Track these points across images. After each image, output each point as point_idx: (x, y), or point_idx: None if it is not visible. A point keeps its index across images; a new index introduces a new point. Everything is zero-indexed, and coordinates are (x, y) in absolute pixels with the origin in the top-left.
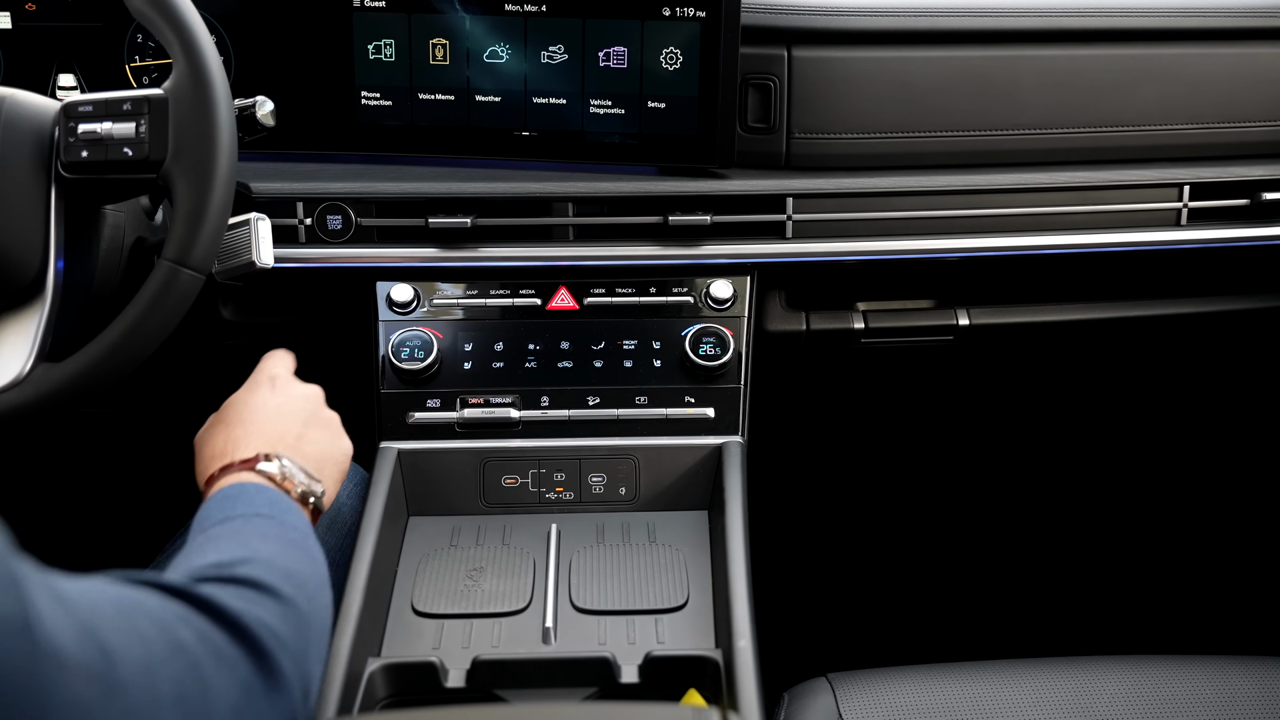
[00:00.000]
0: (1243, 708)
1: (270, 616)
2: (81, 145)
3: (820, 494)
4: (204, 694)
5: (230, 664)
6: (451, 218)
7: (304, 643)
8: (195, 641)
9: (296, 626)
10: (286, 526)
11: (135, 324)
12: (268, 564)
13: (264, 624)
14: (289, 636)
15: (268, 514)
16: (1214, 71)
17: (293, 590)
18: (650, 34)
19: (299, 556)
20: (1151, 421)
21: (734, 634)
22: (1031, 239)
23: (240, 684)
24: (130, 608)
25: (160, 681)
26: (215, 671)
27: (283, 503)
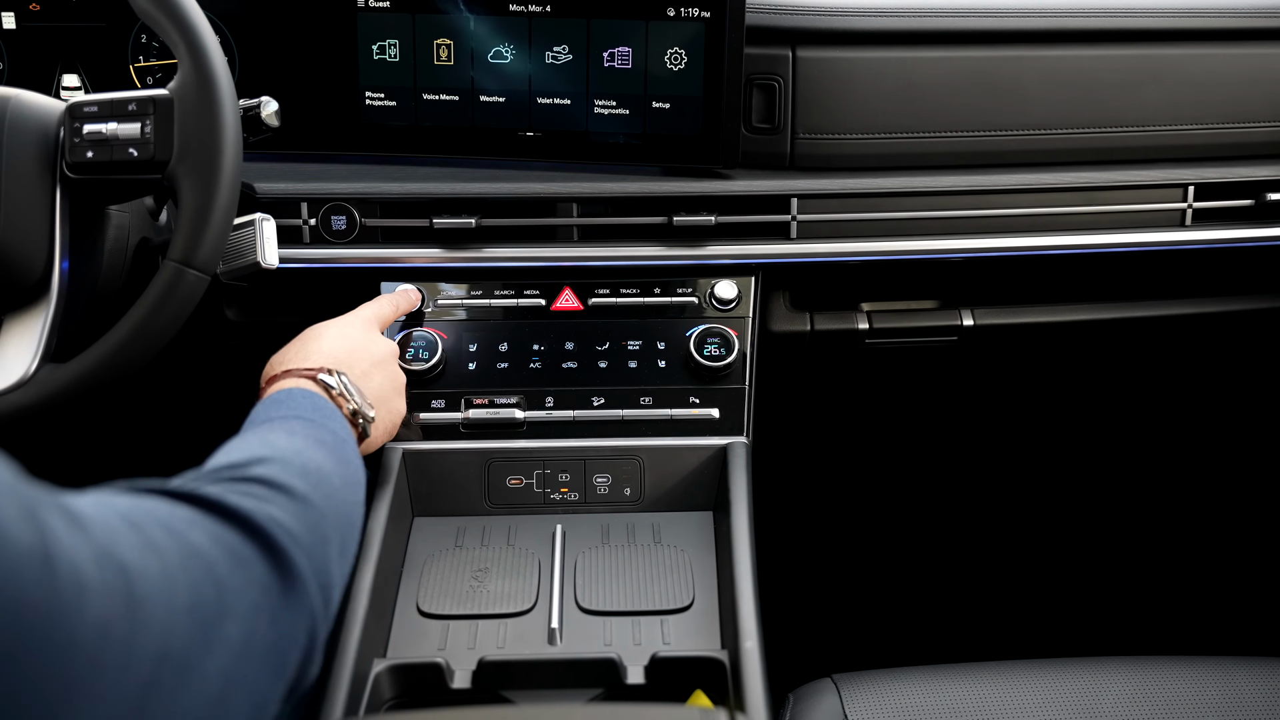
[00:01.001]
0: (1248, 708)
1: (282, 513)
2: (87, 146)
3: (824, 494)
4: (221, 596)
5: (245, 563)
6: (456, 218)
7: (319, 539)
8: (209, 544)
9: (311, 523)
10: (322, 429)
11: (140, 324)
12: (284, 462)
13: (275, 520)
14: (303, 533)
15: (308, 417)
16: (1219, 72)
17: (307, 487)
18: (655, 34)
19: (324, 455)
20: (1156, 422)
21: (740, 635)
22: (1036, 239)
23: (257, 582)
24: (142, 519)
25: (177, 590)
26: (231, 572)
27: (328, 410)
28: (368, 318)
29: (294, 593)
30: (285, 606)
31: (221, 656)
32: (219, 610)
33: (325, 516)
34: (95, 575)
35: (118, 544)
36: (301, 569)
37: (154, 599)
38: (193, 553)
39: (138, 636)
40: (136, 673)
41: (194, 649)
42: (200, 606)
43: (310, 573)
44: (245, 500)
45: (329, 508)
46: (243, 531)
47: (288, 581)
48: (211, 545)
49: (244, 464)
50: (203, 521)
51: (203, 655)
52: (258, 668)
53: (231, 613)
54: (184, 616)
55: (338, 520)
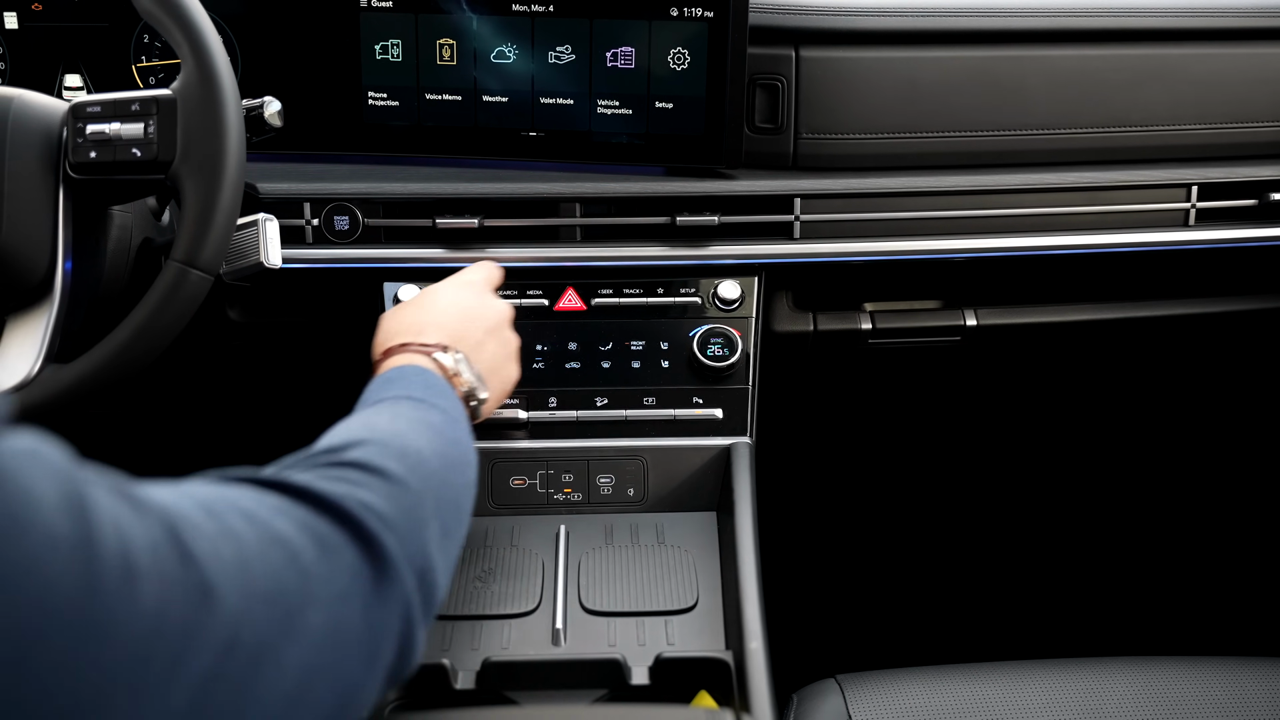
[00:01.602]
0: (1252, 709)
1: (374, 497)
2: (90, 146)
3: (828, 495)
4: (305, 583)
5: (333, 549)
6: (459, 218)
7: (416, 523)
8: (294, 531)
9: (406, 507)
10: (433, 410)
11: (143, 325)
12: (382, 444)
13: (366, 505)
14: (397, 517)
15: (419, 397)
16: (1222, 71)
17: (404, 469)
18: (658, 34)
19: (428, 437)
20: (1160, 422)
21: (745, 635)
22: (1039, 239)
23: (346, 569)
24: (221, 507)
25: (254, 578)
26: (317, 559)
27: (440, 388)
28: (479, 280)
29: (386, 579)
30: (376, 593)
31: (303, 645)
32: (302, 598)
33: (423, 500)
34: (150, 562)
35: (185, 531)
36: (394, 554)
37: (226, 587)
38: (275, 540)
39: (201, 625)
40: (197, 662)
41: (270, 638)
42: (280, 595)
43: (404, 558)
44: (336, 486)
45: (427, 490)
46: (331, 518)
47: (379, 568)
48: (297, 532)
49: (340, 448)
50: (290, 509)
51: (281, 644)
52: (345, 656)
53: (316, 600)
54: (260, 605)
55: (438, 503)
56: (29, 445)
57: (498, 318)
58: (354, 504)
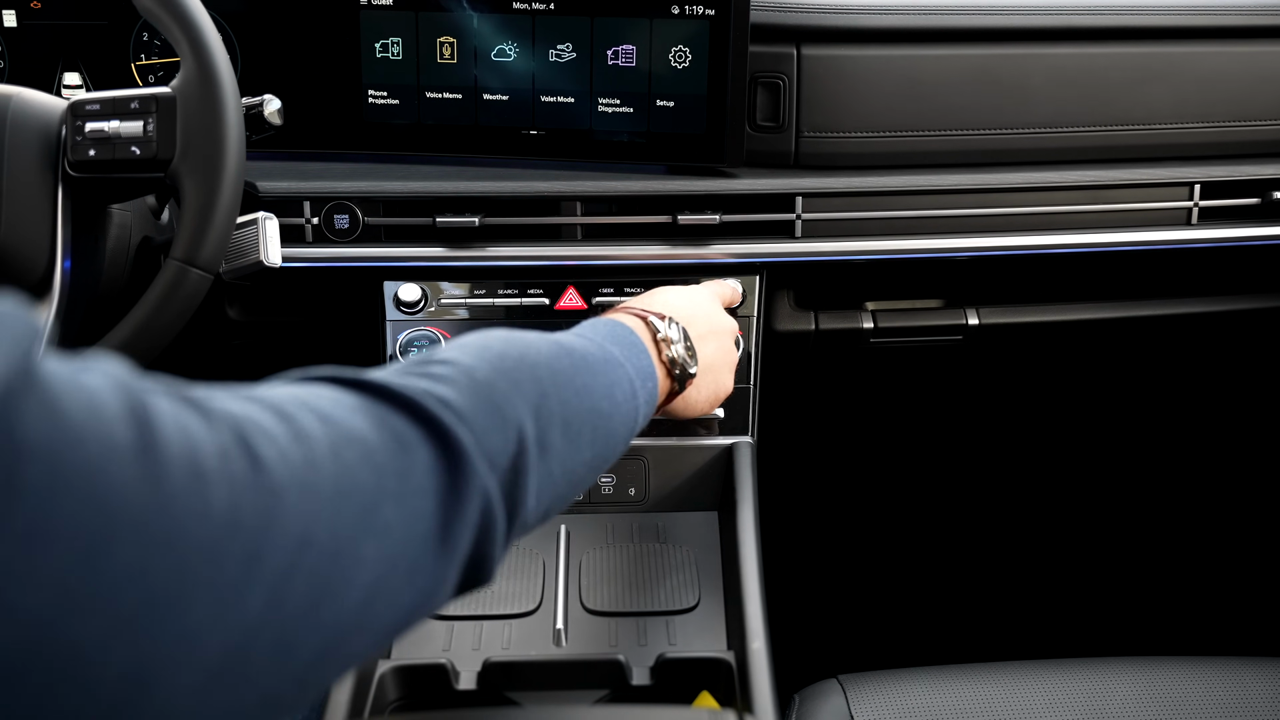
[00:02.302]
0: (1255, 708)
1: (453, 393)
2: (89, 144)
3: (829, 494)
4: (380, 480)
5: (409, 446)
6: (459, 217)
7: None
8: (370, 429)
9: (492, 404)
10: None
11: (143, 324)
12: (482, 348)
13: (443, 401)
14: (472, 413)
15: (590, 336)
16: (1225, 70)
17: (494, 372)
18: (659, 32)
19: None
20: (1163, 421)
21: (747, 635)
22: (1041, 238)
23: (421, 465)
24: (293, 409)
25: (323, 478)
26: (393, 456)
27: (630, 342)
28: (713, 293)
29: (461, 473)
30: (453, 489)
31: (379, 541)
32: (377, 495)
33: (511, 399)
34: (218, 466)
35: (254, 436)
36: (468, 449)
37: (292, 488)
38: (349, 439)
39: (273, 524)
40: (273, 558)
41: (344, 534)
42: (353, 493)
43: (479, 452)
44: (416, 382)
45: (520, 385)
46: (407, 413)
47: (453, 462)
48: (373, 429)
49: (435, 355)
50: (366, 406)
51: (357, 540)
52: (422, 550)
53: (391, 496)
54: (331, 504)
55: (543, 407)
56: (84, 362)
57: (725, 325)
58: (430, 399)
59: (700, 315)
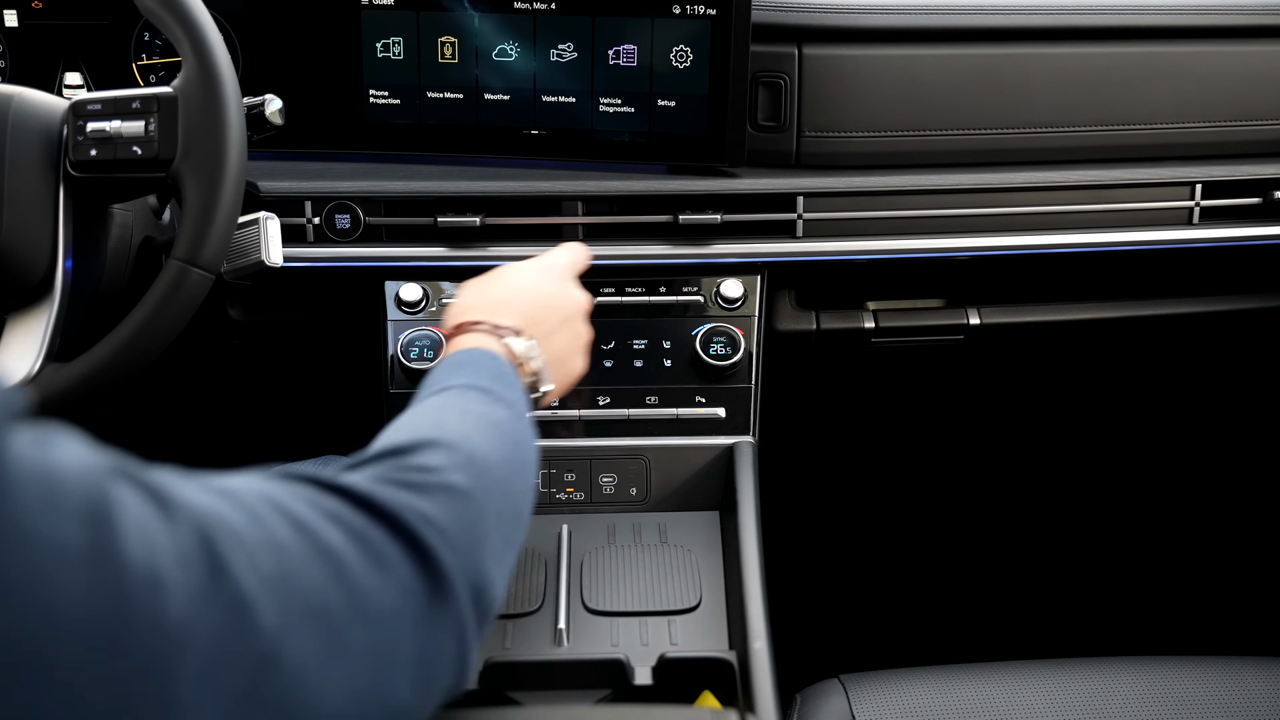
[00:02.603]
0: (1257, 708)
1: (436, 509)
2: (90, 144)
3: (831, 494)
4: (352, 600)
5: (386, 564)
6: (460, 216)
7: (476, 538)
8: (346, 543)
9: (469, 520)
10: (499, 404)
11: (144, 324)
12: (451, 448)
13: (426, 518)
14: (458, 532)
15: (487, 388)
16: (1226, 69)
17: (469, 480)
18: (660, 32)
19: (495, 440)
20: (1164, 420)
21: (749, 635)
22: (1042, 238)
23: (397, 585)
24: (266, 510)
25: (293, 592)
26: (367, 574)
27: (509, 379)
28: (563, 265)
29: (440, 598)
30: (430, 613)
31: (348, 666)
32: (348, 616)
33: (485, 512)
34: (177, 573)
35: (221, 541)
36: (450, 571)
37: (259, 602)
38: (323, 552)
39: (233, 641)
40: (229, 679)
41: (312, 657)
42: (324, 611)
43: (461, 575)
44: (398, 494)
45: (490, 501)
46: (388, 528)
47: (434, 585)
48: (349, 543)
49: (407, 449)
50: (344, 514)
51: (323, 664)
52: (394, 677)
53: (364, 618)
54: (301, 621)
55: (500, 514)
56: (47, 442)
57: (574, 307)
58: (414, 516)
59: (551, 309)
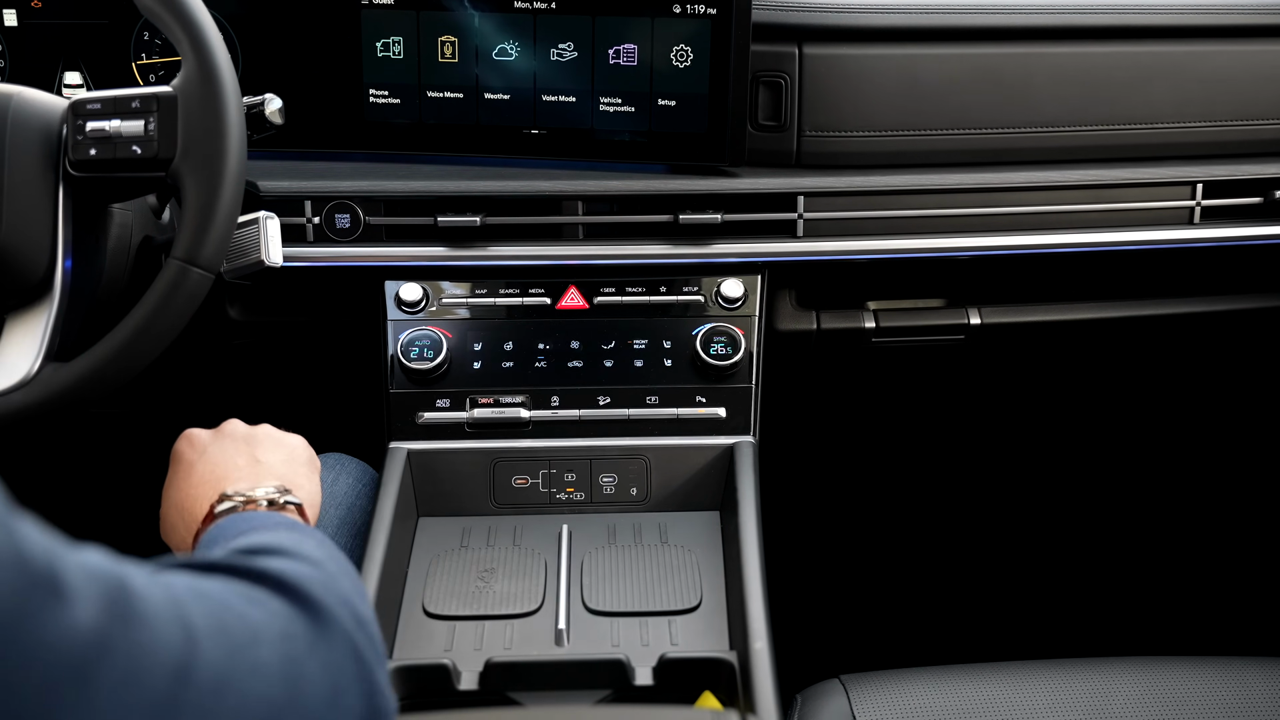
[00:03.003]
0: (1259, 708)
1: (291, 565)
2: (90, 143)
3: (831, 494)
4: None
5: (258, 601)
6: (460, 216)
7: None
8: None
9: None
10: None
11: (144, 324)
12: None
13: (280, 570)
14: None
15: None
16: (1228, 69)
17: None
18: (660, 31)
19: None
20: (1165, 420)
21: (750, 635)
22: (1043, 237)
23: (279, 614)
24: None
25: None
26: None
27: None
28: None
29: (322, 619)
30: (318, 633)
31: (263, 682)
32: (249, 636)
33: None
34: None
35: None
36: (320, 596)
37: (159, 618)
38: (202, 594)
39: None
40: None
41: (227, 670)
42: (225, 632)
43: (334, 600)
44: (275, 563)
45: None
46: (249, 580)
47: (310, 609)
48: (221, 589)
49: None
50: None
51: (243, 678)
52: (306, 695)
53: (262, 639)
54: (207, 640)
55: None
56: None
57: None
58: (269, 568)
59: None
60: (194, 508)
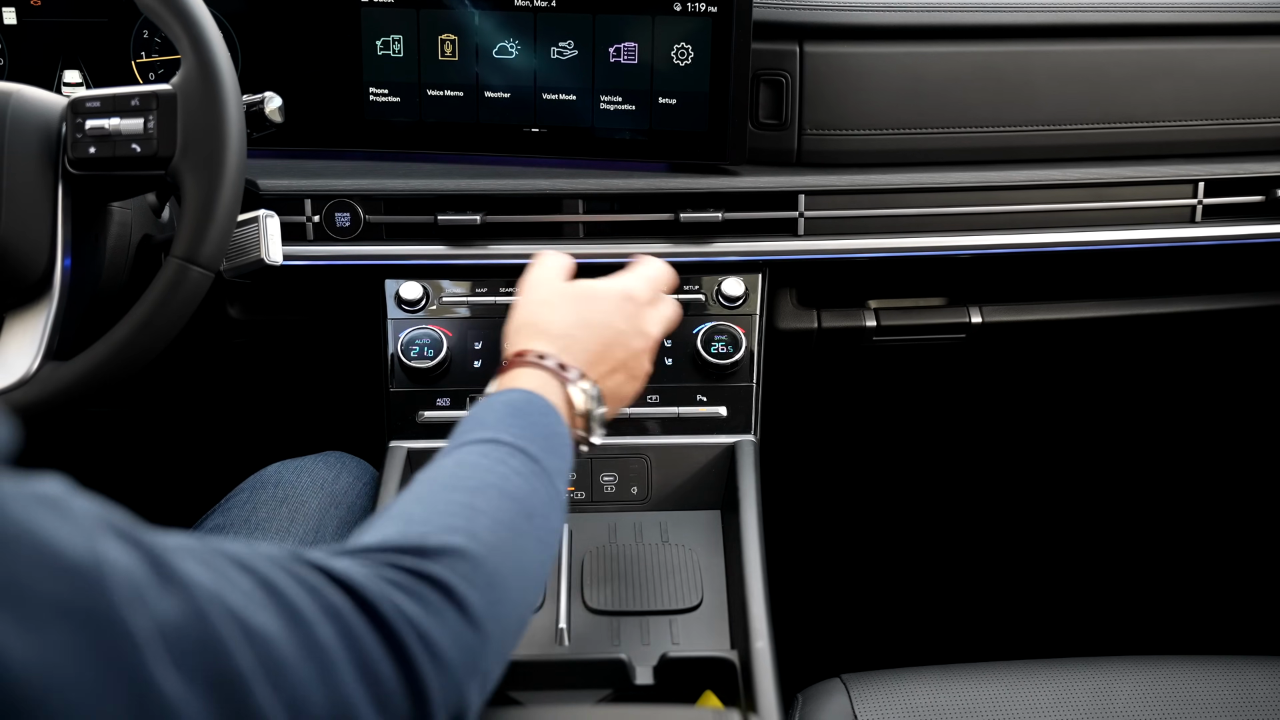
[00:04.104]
0: (1261, 708)
1: (441, 633)
2: (89, 141)
3: (833, 493)
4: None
5: (373, 676)
6: (460, 215)
7: (470, 667)
8: (336, 643)
9: (469, 650)
10: (540, 480)
11: (143, 322)
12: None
13: (426, 641)
14: (452, 659)
15: (534, 454)
16: (1229, 67)
17: (484, 604)
18: (661, 29)
19: (526, 544)
20: (1167, 419)
21: (751, 635)
22: (1045, 236)
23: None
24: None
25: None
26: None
27: (559, 442)
28: (644, 291)
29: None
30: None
31: None
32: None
33: (489, 640)
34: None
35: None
36: (435, 702)
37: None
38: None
39: None
40: None
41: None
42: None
43: (443, 706)
44: (405, 604)
45: (497, 628)
46: (384, 641)
47: (416, 708)
48: (339, 645)
49: (430, 551)
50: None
51: None
52: None
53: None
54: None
55: (504, 638)
56: (53, 493)
57: (644, 344)
58: (413, 634)
59: (620, 344)
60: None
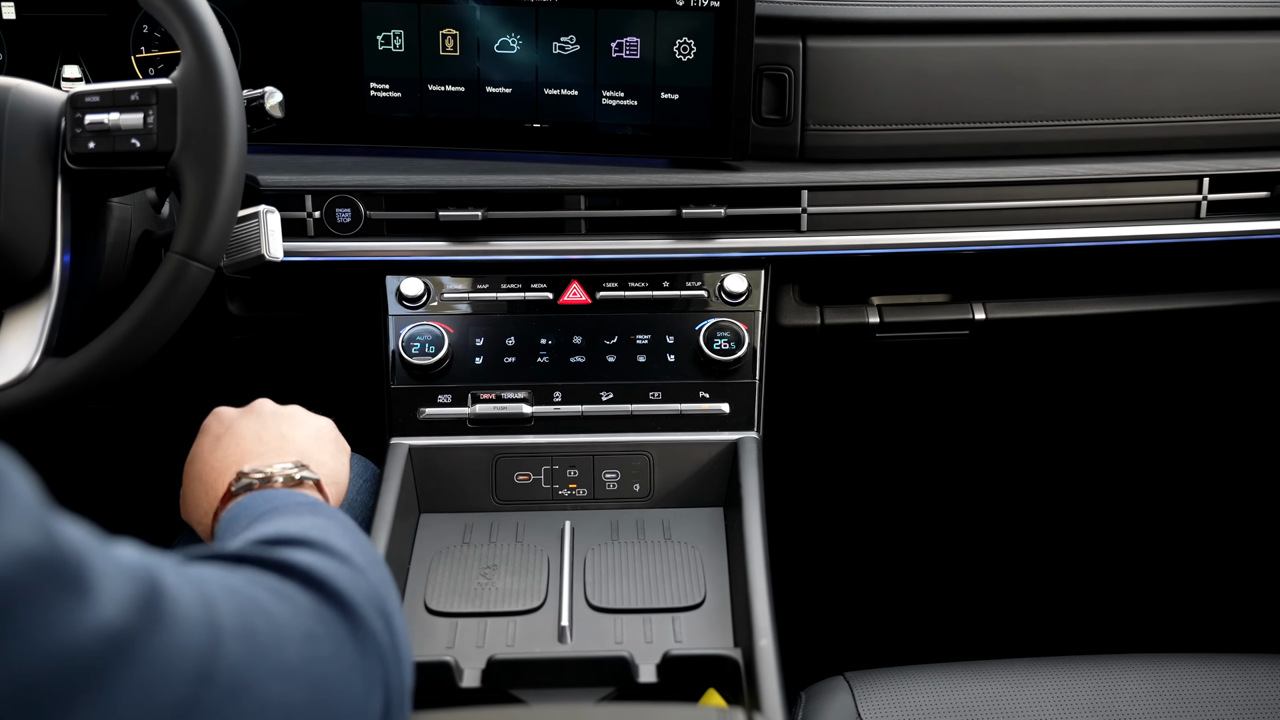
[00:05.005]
0: (1265, 706)
1: (317, 559)
2: (89, 136)
3: (836, 490)
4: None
5: (287, 597)
6: (462, 211)
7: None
8: (245, 584)
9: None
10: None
11: (143, 318)
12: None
13: (311, 563)
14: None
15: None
16: (1234, 62)
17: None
18: (663, 24)
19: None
20: (1171, 416)
21: (755, 633)
22: (1049, 232)
23: (306, 611)
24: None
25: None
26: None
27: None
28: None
29: (352, 619)
30: (349, 634)
31: (285, 683)
32: (274, 638)
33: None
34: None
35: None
36: (348, 594)
37: (189, 620)
38: (232, 590)
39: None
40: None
41: (247, 672)
42: (251, 633)
43: (362, 597)
44: (304, 556)
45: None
46: (278, 573)
47: (338, 607)
48: (249, 584)
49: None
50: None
51: (264, 679)
52: (331, 698)
53: (287, 639)
54: (233, 639)
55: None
56: None
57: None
58: (297, 561)
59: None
60: (215, 483)
